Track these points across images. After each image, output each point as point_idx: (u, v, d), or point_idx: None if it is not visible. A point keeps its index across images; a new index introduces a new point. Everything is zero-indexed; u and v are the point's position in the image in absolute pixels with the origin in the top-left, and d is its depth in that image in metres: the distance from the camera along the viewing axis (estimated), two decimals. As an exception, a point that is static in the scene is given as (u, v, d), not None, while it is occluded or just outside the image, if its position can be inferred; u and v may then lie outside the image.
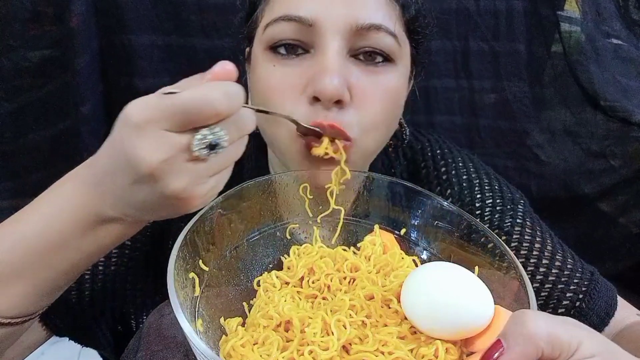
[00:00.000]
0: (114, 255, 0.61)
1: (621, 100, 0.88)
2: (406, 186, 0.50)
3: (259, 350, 0.38)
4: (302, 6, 0.48)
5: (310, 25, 0.48)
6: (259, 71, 0.53)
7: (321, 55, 0.48)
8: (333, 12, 0.48)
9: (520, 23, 0.88)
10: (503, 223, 0.62)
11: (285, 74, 0.50)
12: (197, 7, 0.88)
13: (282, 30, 0.49)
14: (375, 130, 0.52)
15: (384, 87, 0.51)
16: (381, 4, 0.50)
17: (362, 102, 0.49)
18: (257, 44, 0.53)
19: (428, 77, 0.93)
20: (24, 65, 0.81)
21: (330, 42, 0.48)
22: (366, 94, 0.50)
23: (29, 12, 0.78)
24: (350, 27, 0.48)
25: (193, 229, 0.40)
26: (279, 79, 0.50)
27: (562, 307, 0.60)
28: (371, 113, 0.50)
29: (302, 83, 0.49)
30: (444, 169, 0.66)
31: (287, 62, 0.50)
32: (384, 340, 0.38)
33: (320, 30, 0.48)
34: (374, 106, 0.50)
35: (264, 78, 0.52)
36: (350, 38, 0.49)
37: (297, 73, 0.50)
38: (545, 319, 0.31)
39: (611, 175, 0.92)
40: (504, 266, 0.42)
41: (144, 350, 0.47)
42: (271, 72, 0.51)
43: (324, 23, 0.48)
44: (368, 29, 0.48)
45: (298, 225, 0.51)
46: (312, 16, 0.48)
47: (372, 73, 0.50)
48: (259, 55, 0.53)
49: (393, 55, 0.51)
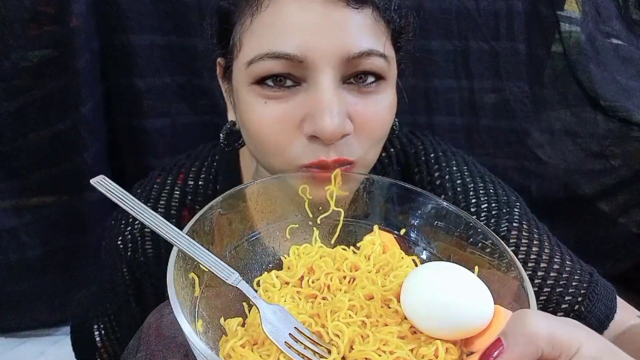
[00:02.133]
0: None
1: (621, 100, 0.88)
2: (406, 187, 0.50)
3: (259, 351, 0.38)
4: (288, 41, 0.45)
5: (300, 61, 0.46)
6: (248, 108, 0.50)
7: (316, 91, 0.46)
8: (322, 45, 0.45)
9: (520, 23, 0.88)
10: (499, 227, 0.61)
11: (278, 110, 0.48)
12: (197, 7, 0.88)
13: (270, 66, 0.47)
14: (377, 146, 0.52)
15: (380, 106, 0.50)
16: (369, 26, 0.48)
17: (362, 127, 0.49)
18: (240, 77, 0.50)
19: (428, 77, 0.93)
20: (24, 65, 0.82)
21: (323, 76, 0.46)
22: (365, 118, 0.49)
23: (29, 12, 0.78)
24: (342, 58, 0.46)
25: (193, 229, 0.40)
26: (272, 117, 0.48)
27: (561, 310, 0.59)
28: (371, 133, 0.50)
29: (298, 119, 0.47)
30: (437, 173, 0.65)
31: (278, 97, 0.48)
32: (385, 339, 0.38)
33: (311, 65, 0.46)
34: (374, 126, 0.50)
35: (256, 116, 0.49)
36: (341, 68, 0.47)
37: (291, 109, 0.48)
38: (547, 319, 0.31)
39: (611, 175, 0.92)
40: (504, 266, 0.42)
41: (144, 350, 0.47)
42: (262, 109, 0.48)
43: (315, 57, 0.45)
44: (360, 56, 0.47)
45: (298, 226, 0.51)
46: (301, 52, 0.45)
47: (366, 94, 0.49)
48: (244, 91, 0.49)
49: (384, 74, 0.50)
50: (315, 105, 0.46)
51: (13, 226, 0.95)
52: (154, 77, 0.91)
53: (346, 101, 0.48)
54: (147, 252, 0.64)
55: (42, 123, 0.87)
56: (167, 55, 0.91)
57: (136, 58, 0.89)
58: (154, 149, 0.96)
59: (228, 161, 0.67)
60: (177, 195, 0.66)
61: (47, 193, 0.94)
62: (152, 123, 0.94)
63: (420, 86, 0.93)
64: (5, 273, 0.98)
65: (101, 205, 0.97)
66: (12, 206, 0.92)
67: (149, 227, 0.39)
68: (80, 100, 0.86)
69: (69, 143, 0.88)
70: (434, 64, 0.92)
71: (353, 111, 0.48)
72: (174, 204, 0.66)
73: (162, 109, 0.94)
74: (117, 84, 0.91)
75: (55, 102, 0.86)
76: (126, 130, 0.95)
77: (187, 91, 0.95)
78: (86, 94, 0.87)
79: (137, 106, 0.92)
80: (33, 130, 0.87)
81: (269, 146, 0.49)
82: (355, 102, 0.48)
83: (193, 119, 0.98)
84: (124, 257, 0.65)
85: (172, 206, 0.66)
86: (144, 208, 0.40)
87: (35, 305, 1.07)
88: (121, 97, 0.92)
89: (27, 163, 0.88)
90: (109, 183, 0.41)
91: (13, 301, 1.05)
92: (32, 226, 0.96)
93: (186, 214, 0.66)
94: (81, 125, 0.88)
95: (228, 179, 0.66)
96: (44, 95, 0.85)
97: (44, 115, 0.87)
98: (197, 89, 0.95)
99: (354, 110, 0.48)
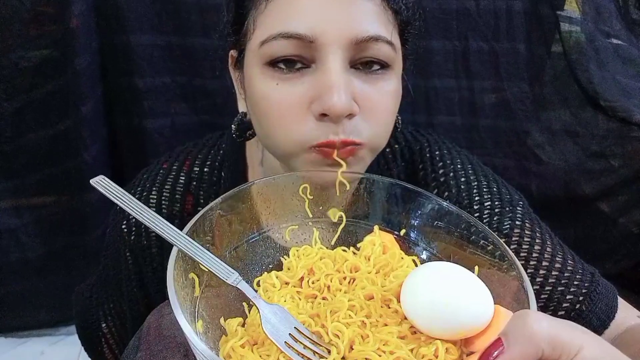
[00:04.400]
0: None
1: (621, 100, 0.88)
2: (406, 187, 0.50)
3: (259, 351, 0.38)
4: (300, 22, 0.48)
5: (311, 42, 0.48)
6: (259, 89, 0.51)
7: (325, 71, 0.48)
8: (333, 27, 0.48)
9: (520, 23, 0.88)
10: (502, 225, 0.61)
11: (289, 91, 0.50)
12: (197, 7, 0.88)
13: (282, 47, 0.49)
14: (383, 131, 0.53)
15: (386, 93, 0.52)
16: (377, 14, 0.50)
17: (369, 110, 0.50)
18: (252, 59, 0.52)
19: (428, 77, 0.93)
20: (24, 65, 0.82)
21: (332, 57, 0.48)
22: (371, 101, 0.50)
23: (29, 12, 0.79)
24: (350, 41, 0.48)
25: (193, 229, 0.40)
26: (283, 97, 0.50)
27: (562, 310, 0.59)
28: (378, 118, 0.51)
29: (307, 99, 0.49)
30: (442, 170, 0.66)
31: (289, 79, 0.50)
32: (385, 339, 0.38)
33: (321, 47, 0.48)
34: (380, 111, 0.51)
35: (268, 97, 0.51)
36: (350, 50, 0.49)
37: (301, 90, 0.49)
38: (548, 320, 0.31)
39: (611, 175, 0.92)
40: (504, 266, 0.41)
41: (144, 350, 0.47)
42: (274, 90, 0.50)
43: (325, 39, 0.47)
44: (367, 41, 0.48)
45: (297, 227, 0.51)
46: (312, 33, 0.47)
47: (373, 80, 0.51)
48: (257, 72, 0.51)
49: (390, 62, 0.51)
50: (323, 85, 0.48)
51: (13, 226, 0.95)
52: (154, 77, 0.91)
53: (353, 84, 0.49)
54: (151, 236, 0.65)
55: (42, 123, 0.87)
56: (167, 55, 0.91)
57: (136, 58, 0.89)
58: (154, 149, 0.96)
59: (234, 150, 0.67)
60: (183, 180, 0.67)
61: (47, 193, 0.94)
62: (152, 123, 0.94)
63: (420, 86, 0.93)
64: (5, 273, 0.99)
65: (101, 205, 0.97)
66: (12, 206, 0.92)
67: (149, 226, 0.39)
68: (80, 100, 0.86)
69: (69, 143, 0.88)
70: (434, 64, 0.92)
71: (360, 94, 0.49)
72: (178, 189, 0.66)
73: (162, 109, 0.95)
74: (117, 84, 0.91)
75: (55, 102, 0.86)
76: (126, 130, 0.95)
77: (187, 91, 0.95)
78: (86, 94, 0.87)
79: (137, 106, 0.92)
80: (33, 130, 0.87)
81: (279, 128, 0.50)
82: (361, 86, 0.50)
83: (193, 119, 0.98)
84: (127, 242, 0.65)
85: (177, 191, 0.66)
86: (144, 208, 0.40)
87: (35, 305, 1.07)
88: (121, 97, 0.92)
89: (28, 163, 0.88)
90: (108, 183, 0.41)
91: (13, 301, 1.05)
92: (32, 226, 0.96)
93: (190, 199, 0.66)
94: (81, 125, 0.88)
95: (233, 167, 0.67)
96: (44, 95, 0.85)
97: (44, 115, 0.87)
98: (197, 89, 0.95)
99: (360, 93, 0.49)
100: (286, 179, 0.51)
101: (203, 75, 0.93)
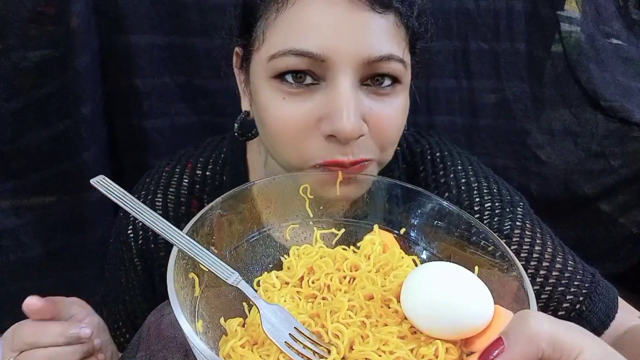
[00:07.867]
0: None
1: (621, 100, 0.88)
2: (406, 187, 0.50)
3: (259, 351, 0.38)
4: (312, 39, 0.46)
5: (322, 60, 0.46)
6: (266, 102, 0.50)
7: (334, 90, 0.47)
8: (345, 46, 0.46)
9: (520, 23, 0.88)
10: (502, 226, 0.61)
11: (296, 108, 0.48)
12: (197, 7, 0.88)
13: (291, 63, 0.47)
14: (391, 146, 0.53)
15: (395, 109, 0.51)
16: (390, 32, 0.48)
17: (378, 128, 0.50)
18: (260, 70, 0.50)
19: (428, 77, 0.93)
20: (24, 65, 0.81)
21: (343, 77, 0.47)
22: (380, 119, 0.50)
23: (29, 12, 0.78)
24: (362, 61, 0.47)
25: (193, 229, 0.40)
26: (290, 113, 0.49)
27: (562, 310, 0.59)
28: (386, 135, 0.51)
29: (315, 117, 0.48)
30: (442, 172, 0.66)
31: (297, 94, 0.48)
32: (385, 339, 0.38)
33: (333, 65, 0.47)
34: (387, 129, 0.51)
35: (274, 112, 0.49)
36: (360, 70, 0.48)
37: (309, 108, 0.48)
38: (549, 320, 0.31)
39: (611, 175, 0.92)
40: (504, 266, 0.42)
41: (144, 350, 0.47)
42: (281, 105, 0.49)
43: (337, 58, 0.46)
44: (380, 60, 0.47)
45: (298, 226, 0.51)
46: (324, 52, 0.46)
47: (381, 97, 0.50)
48: (264, 84, 0.50)
49: (400, 78, 0.51)
50: (333, 105, 0.47)
51: (13, 226, 0.94)
52: (154, 77, 0.91)
53: (362, 103, 0.48)
54: (158, 239, 0.65)
55: (42, 123, 0.86)
56: (167, 55, 0.91)
57: (136, 58, 0.89)
58: (154, 149, 0.96)
59: (235, 153, 0.67)
60: (186, 183, 0.66)
61: (47, 193, 0.94)
62: (152, 123, 0.94)
63: (420, 86, 0.93)
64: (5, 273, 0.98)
65: (101, 205, 0.96)
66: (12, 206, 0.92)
67: (149, 226, 0.39)
68: (80, 100, 0.86)
69: (69, 143, 0.88)
70: (434, 64, 0.92)
71: (368, 113, 0.49)
72: (183, 192, 0.66)
73: (162, 109, 0.94)
74: (117, 84, 0.91)
75: (55, 102, 0.86)
76: (126, 130, 0.95)
77: (187, 91, 0.95)
78: (86, 94, 0.86)
79: (137, 106, 0.92)
80: (33, 130, 0.86)
81: (285, 142, 0.50)
82: (370, 104, 0.49)
83: (193, 119, 0.97)
84: (134, 247, 0.65)
85: (181, 193, 0.66)
86: (144, 208, 0.40)
87: (35, 305, 1.06)
88: (121, 97, 0.92)
89: (27, 163, 0.88)
90: (109, 183, 0.41)
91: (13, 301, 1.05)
92: (32, 226, 0.96)
93: (195, 203, 0.66)
94: (81, 125, 0.87)
95: (234, 171, 0.66)
96: (44, 95, 0.85)
97: (44, 115, 0.86)
98: (197, 89, 0.95)
99: (369, 113, 0.49)
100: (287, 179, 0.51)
101: (203, 75, 0.93)
